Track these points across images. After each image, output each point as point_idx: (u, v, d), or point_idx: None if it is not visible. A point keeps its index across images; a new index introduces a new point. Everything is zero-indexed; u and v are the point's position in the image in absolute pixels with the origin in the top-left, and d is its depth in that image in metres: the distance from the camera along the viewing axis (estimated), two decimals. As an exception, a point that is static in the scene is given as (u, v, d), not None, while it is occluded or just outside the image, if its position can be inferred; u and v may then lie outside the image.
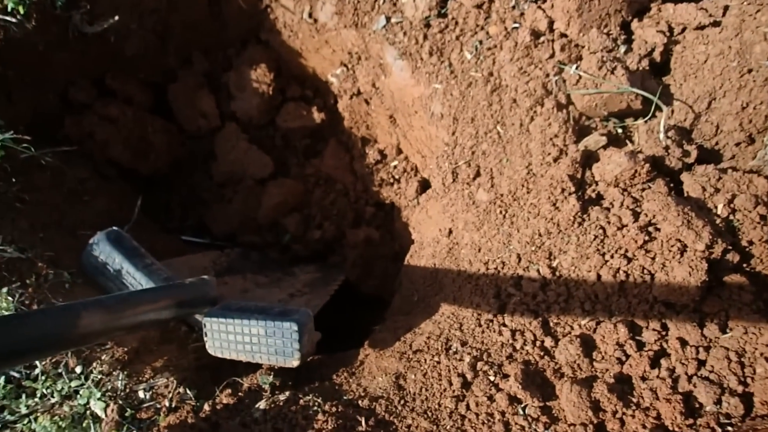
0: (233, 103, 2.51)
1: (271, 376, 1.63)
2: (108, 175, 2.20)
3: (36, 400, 1.48)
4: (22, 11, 1.90)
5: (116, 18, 2.12)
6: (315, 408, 1.52)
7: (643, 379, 1.42)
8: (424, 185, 2.49)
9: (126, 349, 1.62)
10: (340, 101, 2.61)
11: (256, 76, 2.47)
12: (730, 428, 1.31)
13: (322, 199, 2.55)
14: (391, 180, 2.57)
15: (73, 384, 1.50)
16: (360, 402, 1.55)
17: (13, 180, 1.77)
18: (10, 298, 1.56)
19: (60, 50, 2.09)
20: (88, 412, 1.48)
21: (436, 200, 2.19)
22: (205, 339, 1.66)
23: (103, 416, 1.47)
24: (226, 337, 1.65)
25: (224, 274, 2.21)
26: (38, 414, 1.46)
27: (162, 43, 2.40)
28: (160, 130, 2.30)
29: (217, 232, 2.48)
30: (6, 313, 1.53)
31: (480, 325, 1.65)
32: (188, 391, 1.56)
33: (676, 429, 1.32)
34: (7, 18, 1.89)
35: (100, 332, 1.31)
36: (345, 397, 1.57)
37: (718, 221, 1.52)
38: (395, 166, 2.56)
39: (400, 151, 2.59)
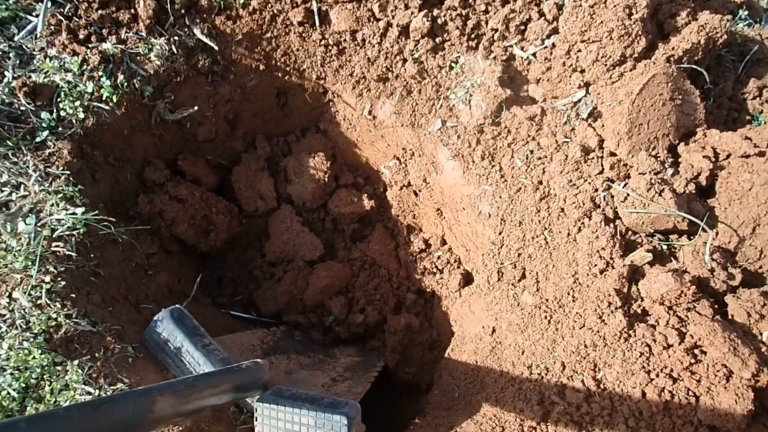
0: (290, 186, 2.66)
1: (317, 467, 1.68)
2: (171, 250, 2.34)
3: (95, 474, 1.54)
4: (114, 100, 2.10)
5: (195, 108, 2.32)
6: (359, 504, 1.55)
7: (688, 504, 1.43)
8: (467, 278, 2.57)
9: (180, 428, 1.69)
10: (389, 190, 2.74)
11: (313, 163, 2.63)
12: None
13: (366, 283, 2.64)
14: (434, 270, 2.66)
15: (131, 460, 1.57)
16: (403, 501, 1.58)
17: (91, 255, 1.91)
18: (80, 370, 1.65)
19: (141, 134, 2.28)
20: (142, 489, 1.53)
21: (479, 296, 2.26)
22: (255, 423, 1.72)
23: (157, 495, 1.52)
24: (276, 424, 1.70)
25: (270, 354, 2.29)
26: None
27: (231, 128, 2.59)
28: (222, 211, 2.44)
29: (264, 310, 2.58)
30: (77, 385, 1.62)
31: (523, 432, 1.68)
32: (237, 475, 1.62)
33: None
34: (101, 105, 2.08)
35: (171, 416, 1.39)
36: (388, 495, 1.61)
37: (763, 349, 1.56)
38: (439, 257, 2.65)
39: (444, 242, 2.69)
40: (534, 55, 2.17)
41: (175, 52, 2.22)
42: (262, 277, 2.63)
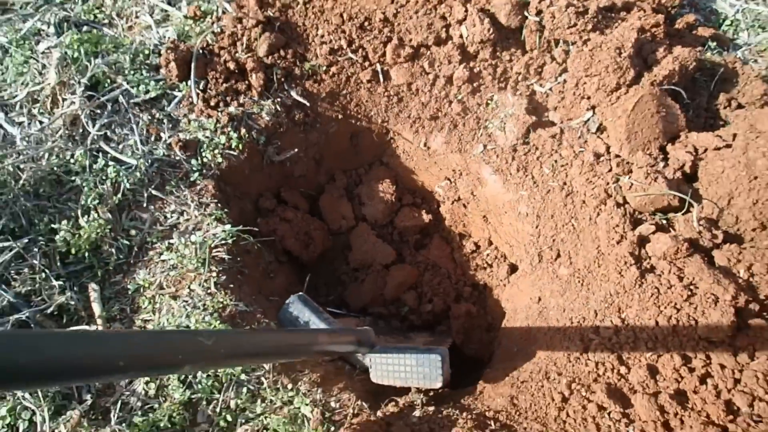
0: (364, 208, 3.28)
1: (420, 395, 2.22)
2: (282, 260, 2.95)
3: (266, 404, 2.11)
4: (240, 148, 2.76)
5: (295, 150, 2.98)
6: (455, 416, 2.08)
7: (695, 392, 1.93)
8: (513, 268, 3.12)
9: (318, 374, 2.25)
10: (443, 206, 3.34)
11: (381, 188, 3.25)
12: (761, 424, 1.80)
13: (431, 281, 3.21)
14: (485, 265, 3.22)
15: (289, 395, 2.13)
16: (487, 413, 2.10)
17: (238, 259, 2.52)
18: (244, 336, 2.23)
19: (257, 173, 2.93)
20: (299, 414, 2.09)
21: (525, 277, 2.80)
22: (370, 370, 2.28)
23: (311, 417, 2.08)
24: (386, 368, 2.26)
25: (364, 335, 2.85)
26: (268, 414, 2.09)
27: (317, 166, 3.24)
28: (318, 228, 3.06)
29: (353, 306, 3.15)
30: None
31: (570, 361, 2.20)
32: (364, 404, 2.16)
33: (721, 423, 1.82)
34: (231, 152, 2.74)
35: (322, 351, 1.97)
36: (475, 411, 2.13)
37: (740, 281, 2.09)
38: (488, 254, 3.22)
39: (491, 243, 3.26)
40: (550, 89, 2.79)
41: (279, 110, 2.89)
42: (348, 281, 3.22)
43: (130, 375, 1.01)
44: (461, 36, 2.83)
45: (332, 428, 2.03)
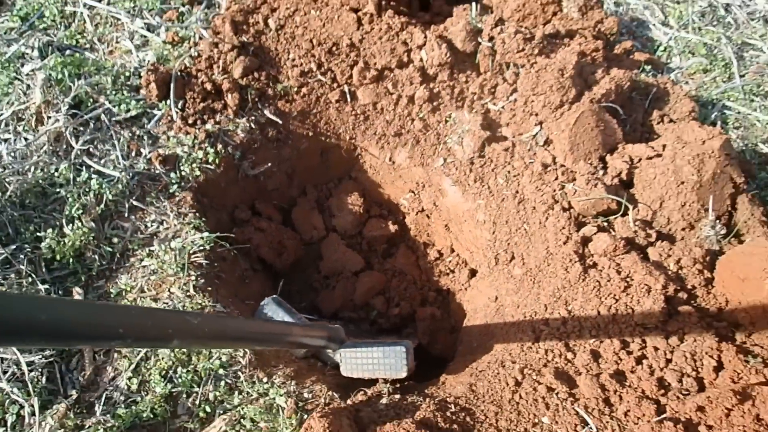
0: (334, 219, 3.45)
1: (387, 385, 2.37)
2: (257, 268, 3.08)
3: (243, 396, 2.23)
4: (216, 162, 2.91)
5: (268, 165, 3.14)
6: (419, 403, 2.23)
7: (632, 372, 2.12)
8: (473, 273, 3.32)
9: (291, 369, 2.38)
10: (407, 216, 3.53)
11: (350, 201, 3.43)
12: (689, 396, 2.01)
13: (398, 286, 3.37)
14: (447, 271, 3.40)
15: (265, 387, 2.26)
16: (448, 399, 2.26)
17: (215, 265, 2.65)
18: (222, 334, 2.36)
19: (232, 186, 3.07)
20: (274, 404, 2.22)
21: (483, 279, 3.00)
22: (340, 364, 2.42)
23: (285, 406, 2.20)
24: (355, 362, 2.40)
25: (335, 337, 2.99)
26: (245, 405, 2.21)
27: (289, 180, 3.40)
28: (291, 237, 3.21)
29: (324, 311, 3.29)
30: (223, 342, 2.33)
31: (523, 350, 2.38)
32: (335, 394, 2.30)
33: (654, 397, 2.02)
34: (208, 166, 2.88)
35: (295, 343, 2.11)
36: (437, 398, 2.29)
37: (670, 273, 2.31)
38: (450, 261, 3.41)
39: (453, 250, 3.45)
40: (503, 107, 3.03)
41: (253, 127, 3.05)
42: (320, 288, 3.36)
43: (127, 343, 1.15)
44: (421, 60, 3.06)
45: (305, 417, 2.16)
